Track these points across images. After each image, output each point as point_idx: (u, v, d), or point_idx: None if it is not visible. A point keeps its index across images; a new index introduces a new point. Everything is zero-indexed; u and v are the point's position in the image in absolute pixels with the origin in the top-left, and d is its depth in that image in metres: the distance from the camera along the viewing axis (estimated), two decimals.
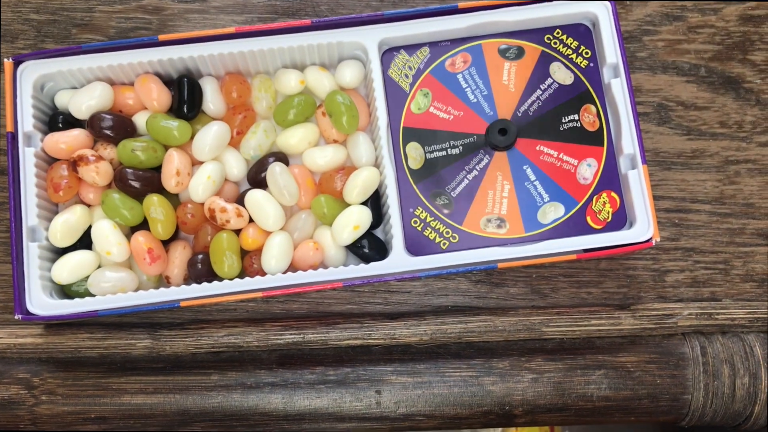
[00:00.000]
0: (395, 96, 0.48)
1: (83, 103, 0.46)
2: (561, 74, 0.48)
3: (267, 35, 0.47)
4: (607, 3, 0.47)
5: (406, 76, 0.48)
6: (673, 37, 0.52)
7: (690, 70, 0.52)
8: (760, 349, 0.47)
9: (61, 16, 0.52)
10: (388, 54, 0.48)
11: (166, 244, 0.47)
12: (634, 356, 0.47)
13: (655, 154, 0.51)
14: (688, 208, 0.50)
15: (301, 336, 0.47)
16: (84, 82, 0.48)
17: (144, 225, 0.46)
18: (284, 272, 0.45)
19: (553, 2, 0.47)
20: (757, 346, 0.47)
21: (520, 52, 0.48)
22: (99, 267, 0.46)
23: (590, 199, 0.46)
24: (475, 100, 0.48)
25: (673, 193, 0.51)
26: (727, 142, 0.51)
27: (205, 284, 0.44)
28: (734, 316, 0.48)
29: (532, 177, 0.47)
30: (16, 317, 0.43)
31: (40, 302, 0.44)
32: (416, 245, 0.46)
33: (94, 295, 0.45)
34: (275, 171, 0.46)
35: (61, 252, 0.46)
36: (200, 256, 0.46)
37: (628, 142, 0.46)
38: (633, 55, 0.52)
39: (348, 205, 0.47)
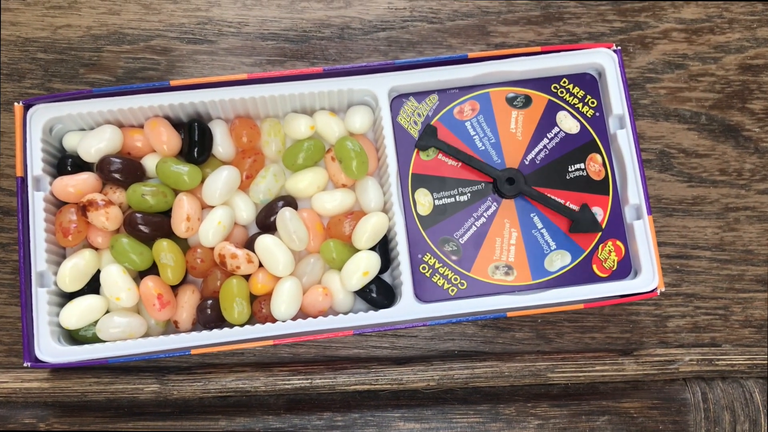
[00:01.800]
0: (404, 142, 0.48)
1: (92, 146, 0.46)
2: (567, 123, 0.49)
3: (278, 82, 0.47)
4: (613, 54, 0.48)
5: (415, 122, 0.49)
6: (674, 85, 0.53)
7: (691, 118, 0.53)
8: (759, 396, 0.48)
9: (69, 56, 0.52)
10: (397, 101, 0.49)
11: (174, 287, 0.47)
12: (637, 402, 0.48)
13: (657, 201, 0.52)
14: (689, 255, 0.51)
15: (309, 381, 0.47)
16: (93, 125, 0.48)
17: (153, 269, 0.46)
18: (293, 317, 0.46)
19: (560, 52, 0.48)
20: (757, 392, 0.48)
21: (527, 101, 0.49)
22: (107, 312, 0.46)
23: (596, 247, 0.47)
24: (483, 148, 0.48)
25: (675, 240, 0.52)
26: (726, 189, 0.52)
27: (215, 331, 0.44)
28: (734, 362, 0.49)
29: (539, 225, 0.48)
30: (25, 365, 0.43)
31: (49, 349, 0.44)
32: (425, 291, 0.46)
33: (101, 340, 0.45)
34: (285, 216, 0.46)
35: (68, 296, 0.46)
36: (210, 302, 0.46)
37: (634, 193, 0.47)
38: (636, 103, 0.53)
39: (357, 249, 0.47)
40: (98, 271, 0.46)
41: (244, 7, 0.53)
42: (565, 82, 0.49)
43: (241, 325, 0.45)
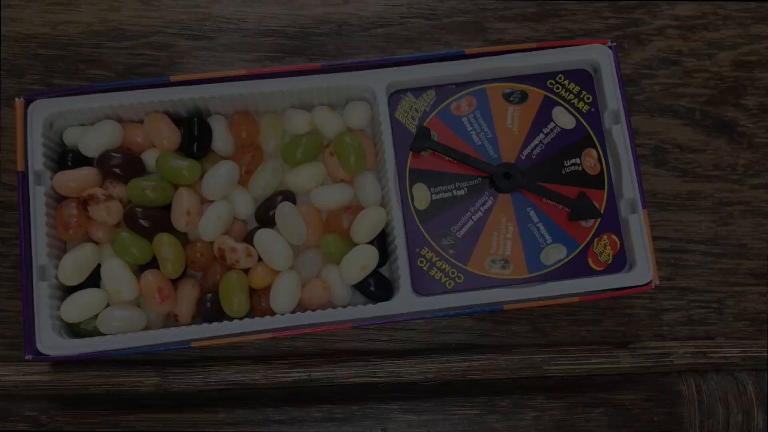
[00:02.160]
0: (402, 138, 0.49)
1: (93, 141, 0.47)
2: (563, 119, 0.49)
3: (277, 77, 0.47)
4: (609, 50, 0.49)
5: (413, 118, 0.49)
6: (669, 81, 0.54)
7: (686, 114, 0.54)
8: (752, 388, 0.49)
9: (69, 52, 0.52)
10: (395, 96, 0.49)
11: (174, 281, 0.47)
12: (632, 394, 0.49)
13: (652, 195, 0.52)
14: (683, 249, 0.52)
15: (308, 374, 0.48)
16: (93, 120, 0.48)
17: (153, 263, 0.47)
18: (292, 311, 0.46)
19: (556, 48, 0.49)
20: (750, 384, 0.49)
21: (523, 97, 0.49)
22: (108, 305, 0.46)
23: (591, 241, 0.48)
24: (480, 143, 0.49)
25: (670, 234, 0.52)
26: (720, 184, 0.53)
27: (215, 324, 0.45)
28: (728, 355, 0.50)
29: (536, 219, 0.48)
30: (26, 358, 0.43)
31: (50, 342, 0.44)
32: (422, 285, 0.47)
33: (102, 333, 0.45)
34: (284, 211, 0.47)
35: (69, 290, 0.47)
36: (209, 296, 0.46)
37: (629, 187, 0.47)
38: (631, 98, 0.53)
39: (355, 244, 0.48)
40: (99, 265, 0.47)
41: (243, 3, 0.53)
42: (560, 78, 0.50)
43: (241, 319, 0.45)
